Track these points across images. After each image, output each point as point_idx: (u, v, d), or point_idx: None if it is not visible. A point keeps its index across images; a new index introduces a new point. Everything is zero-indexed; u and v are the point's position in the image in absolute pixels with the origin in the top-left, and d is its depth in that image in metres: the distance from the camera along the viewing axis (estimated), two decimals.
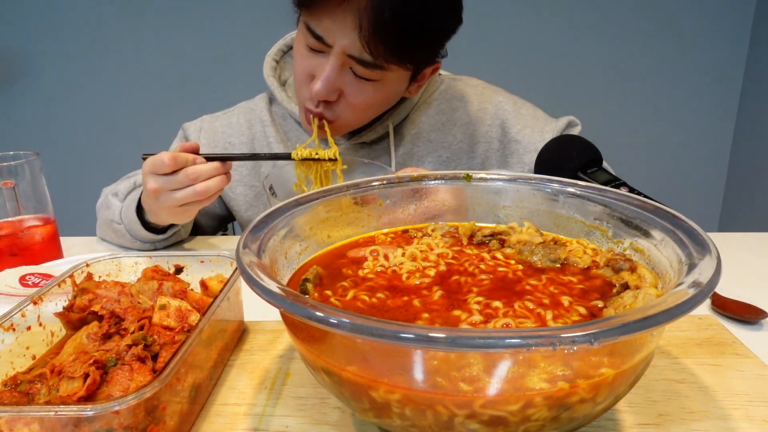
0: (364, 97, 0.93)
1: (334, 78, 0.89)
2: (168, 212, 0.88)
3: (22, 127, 2.61)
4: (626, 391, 0.40)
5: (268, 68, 1.09)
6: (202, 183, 0.85)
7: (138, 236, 0.96)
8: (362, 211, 0.62)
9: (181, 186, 0.84)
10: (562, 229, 0.60)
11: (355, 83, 0.90)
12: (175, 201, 0.85)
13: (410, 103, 1.07)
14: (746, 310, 0.68)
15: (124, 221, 0.96)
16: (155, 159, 0.84)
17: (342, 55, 0.87)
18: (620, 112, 2.48)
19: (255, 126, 1.12)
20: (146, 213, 0.94)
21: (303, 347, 0.42)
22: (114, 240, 1.01)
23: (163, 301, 0.55)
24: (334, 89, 0.91)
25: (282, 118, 1.12)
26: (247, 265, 0.41)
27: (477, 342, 0.31)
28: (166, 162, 0.83)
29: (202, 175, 0.85)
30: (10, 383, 0.48)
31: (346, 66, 0.89)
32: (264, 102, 1.13)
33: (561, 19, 2.36)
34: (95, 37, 2.46)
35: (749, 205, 2.44)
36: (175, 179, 0.84)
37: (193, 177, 0.84)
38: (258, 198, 1.12)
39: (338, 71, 0.88)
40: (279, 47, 1.11)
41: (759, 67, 2.34)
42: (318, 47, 0.88)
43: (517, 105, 1.12)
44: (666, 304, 0.34)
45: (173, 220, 0.92)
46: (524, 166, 1.09)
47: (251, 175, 1.11)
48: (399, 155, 1.07)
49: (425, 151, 1.08)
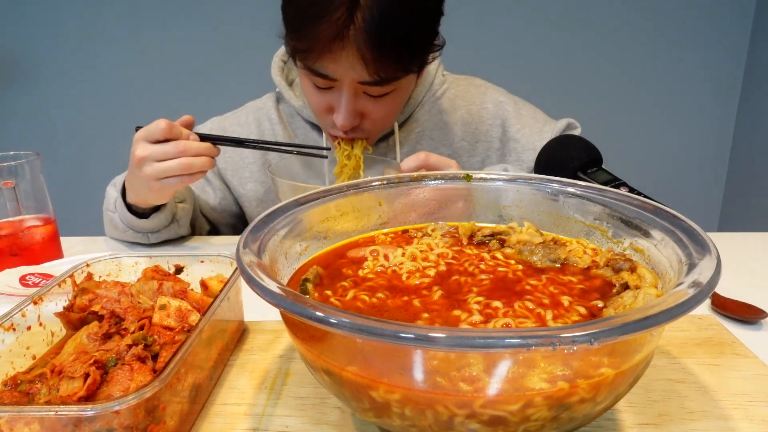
0: (386, 110, 0.96)
1: (352, 107, 0.91)
2: (145, 185, 0.87)
3: (22, 127, 2.61)
4: (626, 391, 0.40)
5: (275, 68, 1.10)
6: (186, 158, 0.85)
7: (128, 223, 0.95)
8: (362, 211, 0.62)
9: (166, 157, 0.84)
10: (562, 229, 0.60)
11: (373, 103, 0.93)
12: (156, 171, 0.84)
13: (414, 101, 1.08)
14: (746, 310, 0.68)
15: (117, 209, 0.96)
16: (151, 124, 0.85)
17: (353, 85, 0.88)
18: (620, 112, 2.48)
19: (263, 124, 1.13)
20: (127, 192, 0.93)
21: (303, 347, 0.42)
22: (114, 234, 1.01)
23: (163, 301, 0.55)
24: (356, 115, 0.93)
25: (290, 117, 1.13)
26: (247, 265, 0.42)
27: (477, 342, 0.31)
28: (162, 126, 0.84)
29: (190, 150, 0.85)
30: (10, 383, 0.48)
31: (359, 92, 0.90)
32: (272, 101, 1.14)
33: (561, 19, 2.36)
34: (95, 37, 2.46)
35: (749, 205, 2.44)
36: (162, 148, 0.84)
37: (181, 149, 0.84)
38: (268, 194, 1.13)
39: (354, 100, 0.90)
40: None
41: (759, 67, 2.33)
42: (327, 84, 0.90)
43: (517, 105, 1.13)
44: (666, 304, 0.34)
45: (149, 197, 0.91)
46: (522, 164, 1.10)
47: (261, 172, 1.12)
48: (403, 153, 1.09)
49: (428, 149, 1.09)
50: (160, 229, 0.98)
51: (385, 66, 0.85)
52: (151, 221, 0.96)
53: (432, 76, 1.10)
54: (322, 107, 0.95)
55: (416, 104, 1.09)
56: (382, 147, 1.09)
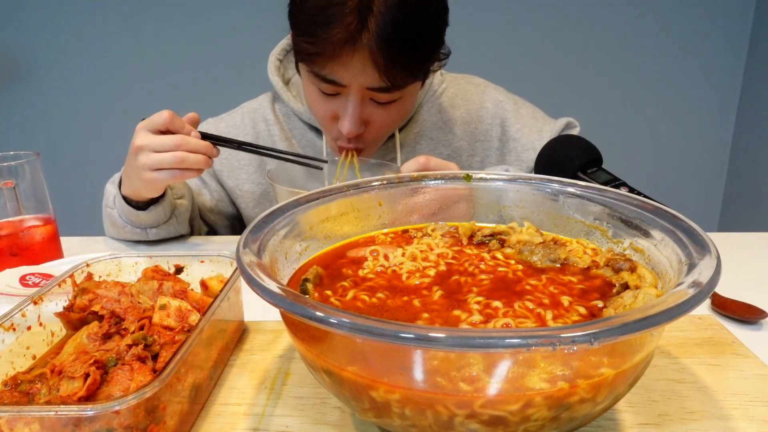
0: (390, 119, 0.96)
1: (359, 114, 0.91)
2: (138, 174, 0.87)
3: (22, 127, 2.61)
4: (626, 391, 0.40)
5: (272, 68, 1.10)
6: (182, 152, 0.84)
7: (127, 217, 0.95)
8: (362, 211, 0.62)
9: (163, 149, 0.84)
10: (562, 229, 0.60)
11: (379, 110, 0.93)
12: (150, 161, 0.84)
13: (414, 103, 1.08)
14: (746, 310, 0.68)
15: (116, 204, 0.96)
16: (155, 114, 0.85)
17: (361, 91, 0.89)
18: (620, 111, 2.48)
19: (259, 125, 1.12)
20: (122, 183, 0.93)
21: (303, 347, 0.42)
22: (113, 232, 1.01)
23: (163, 301, 0.55)
24: (362, 123, 0.93)
25: (286, 117, 1.13)
26: (247, 265, 0.42)
27: (477, 342, 0.31)
28: (164, 116, 0.84)
29: (187, 144, 0.85)
30: (10, 383, 0.48)
31: (366, 98, 0.91)
32: (268, 101, 1.14)
33: (561, 18, 2.36)
34: (95, 37, 2.46)
35: (749, 205, 2.44)
36: (160, 140, 0.84)
37: (178, 143, 0.84)
38: (264, 196, 1.13)
39: (361, 106, 0.91)
40: (282, 47, 1.11)
41: (759, 67, 2.33)
42: (333, 90, 0.90)
43: (517, 105, 1.13)
44: (666, 304, 0.34)
45: (141, 188, 0.90)
46: (522, 163, 1.10)
47: (258, 173, 1.12)
48: (403, 153, 1.09)
49: (427, 149, 1.10)
50: (159, 224, 0.98)
51: (396, 71, 0.85)
52: (149, 213, 0.95)
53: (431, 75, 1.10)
54: (328, 115, 0.95)
55: (416, 105, 1.09)
56: (382, 149, 1.09)
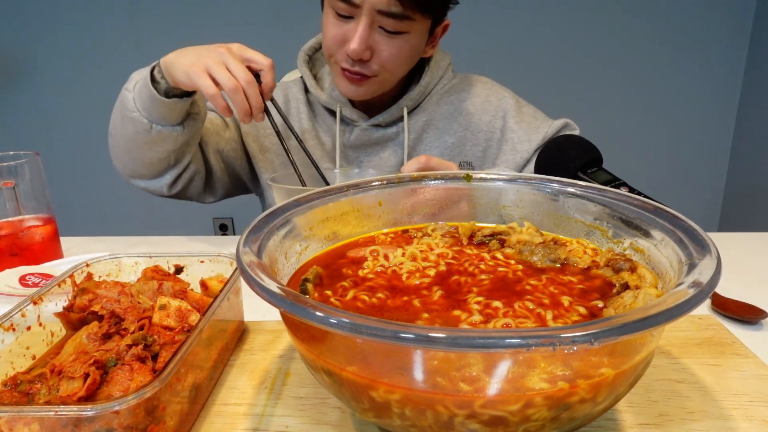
0: (396, 51, 1.00)
1: (367, 36, 0.96)
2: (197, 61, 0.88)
3: (22, 127, 2.61)
4: (626, 391, 0.40)
5: (301, 60, 1.17)
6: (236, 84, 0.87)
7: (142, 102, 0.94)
8: (362, 211, 0.62)
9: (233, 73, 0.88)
10: (562, 229, 0.60)
11: (385, 39, 0.98)
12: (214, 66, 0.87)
13: (424, 89, 1.14)
14: (746, 310, 0.68)
15: (137, 103, 0.95)
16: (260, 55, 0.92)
17: (372, 13, 0.94)
18: (620, 111, 2.48)
19: (291, 102, 1.19)
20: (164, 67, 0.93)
21: (303, 347, 0.42)
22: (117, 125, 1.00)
23: (163, 301, 0.55)
24: (368, 47, 0.98)
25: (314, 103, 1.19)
26: (247, 265, 0.41)
27: (477, 342, 0.31)
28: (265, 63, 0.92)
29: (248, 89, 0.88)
30: (10, 383, 0.48)
31: (375, 24, 0.96)
32: (299, 85, 1.20)
33: (561, 18, 2.36)
34: (95, 37, 2.46)
35: (749, 205, 2.44)
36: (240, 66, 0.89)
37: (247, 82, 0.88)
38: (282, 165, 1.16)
39: (369, 29, 0.96)
40: (312, 44, 1.19)
41: (759, 68, 2.34)
42: (347, 11, 0.96)
43: (519, 104, 1.19)
44: (666, 304, 0.34)
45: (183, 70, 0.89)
46: (516, 154, 1.14)
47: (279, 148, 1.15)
48: (411, 139, 1.15)
49: (433, 137, 1.16)
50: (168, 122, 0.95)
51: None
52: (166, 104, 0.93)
53: (443, 70, 1.16)
54: (338, 39, 0.99)
55: (426, 93, 1.15)
56: (391, 131, 1.14)
